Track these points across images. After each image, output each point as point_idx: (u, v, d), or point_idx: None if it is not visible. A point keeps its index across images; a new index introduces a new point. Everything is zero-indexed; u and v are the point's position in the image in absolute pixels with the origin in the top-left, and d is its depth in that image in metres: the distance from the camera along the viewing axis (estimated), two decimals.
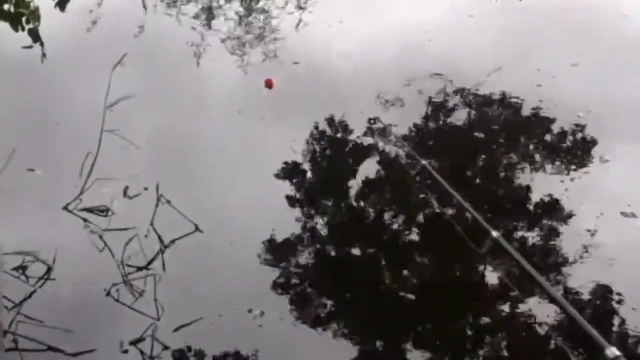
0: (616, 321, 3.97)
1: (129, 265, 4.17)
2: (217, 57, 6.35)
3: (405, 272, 4.34)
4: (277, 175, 4.95)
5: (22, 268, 4.10)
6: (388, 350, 3.87)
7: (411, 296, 4.13)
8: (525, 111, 5.68)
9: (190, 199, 4.59)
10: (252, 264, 4.29)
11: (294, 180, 4.94)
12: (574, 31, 6.73)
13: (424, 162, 4.69)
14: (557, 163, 5.16)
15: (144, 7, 7.09)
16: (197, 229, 4.41)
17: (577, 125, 5.50)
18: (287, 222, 4.59)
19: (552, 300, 3.71)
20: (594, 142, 5.32)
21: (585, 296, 4.13)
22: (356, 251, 4.43)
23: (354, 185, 4.89)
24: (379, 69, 6.11)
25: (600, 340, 3.24)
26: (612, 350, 3.15)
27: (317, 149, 5.25)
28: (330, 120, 5.47)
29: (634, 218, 4.62)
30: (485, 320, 4.03)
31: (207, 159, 5.07)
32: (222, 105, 5.67)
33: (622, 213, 4.65)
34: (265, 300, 4.05)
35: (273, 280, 4.18)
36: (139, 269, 4.16)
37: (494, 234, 3.95)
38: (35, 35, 6.32)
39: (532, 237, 4.54)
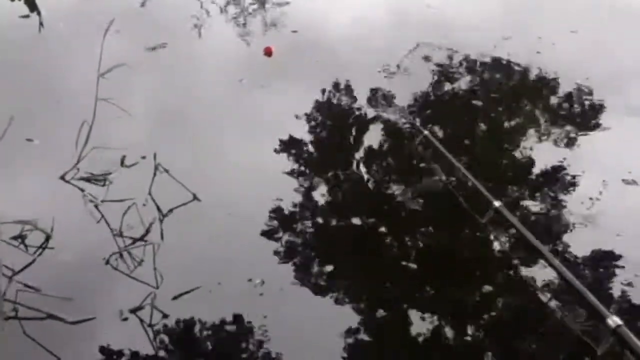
0: (619, 290, 3.97)
1: (125, 237, 4.16)
2: (217, 25, 6.34)
3: (407, 239, 4.33)
4: (278, 145, 4.93)
5: (20, 237, 4.10)
6: (389, 317, 3.87)
7: (413, 265, 4.13)
8: (526, 78, 5.68)
9: (189, 168, 4.57)
10: (252, 232, 4.28)
11: (295, 150, 4.93)
12: None
13: (425, 131, 4.68)
14: (557, 130, 5.15)
15: None
16: (195, 197, 4.40)
17: (576, 91, 5.49)
18: (288, 191, 4.58)
19: (555, 269, 3.73)
20: (592, 114, 5.31)
21: (588, 264, 4.14)
22: (357, 220, 4.42)
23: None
24: (379, 37, 6.10)
25: (602, 309, 3.24)
26: (614, 320, 3.14)
27: (320, 118, 5.23)
28: (334, 88, 5.45)
29: (635, 185, 4.61)
30: (488, 287, 4.03)
31: (207, 128, 5.06)
32: (222, 73, 5.65)
33: (623, 180, 4.64)
34: (265, 269, 4.05)
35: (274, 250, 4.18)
36: (135, 240, 4.15)
37: (496, 204, 3.97)
38: (32, 5, 6.30)
39: (535, 205, 4.54)
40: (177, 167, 4.48)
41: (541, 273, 3.97)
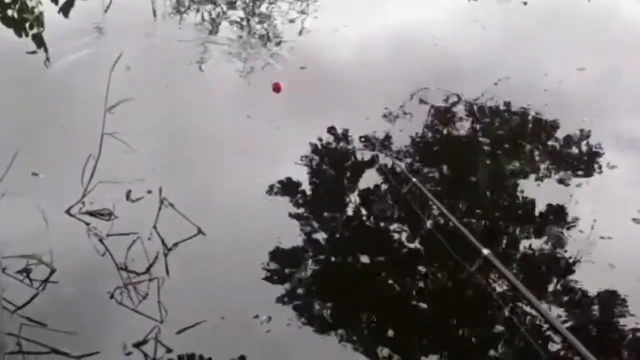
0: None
1: (129, 271, 4.15)
2: (224, 62, 6.35)
3: (405, 279, 4.31)
4: (282, 183, 4.93)
5: (25, 271, 4.09)
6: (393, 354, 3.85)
7: (413, 304, 4.11)
8: (531, 117, 5.67)
9: (194, 203, 4.57)
10: (256, 267, 4.26)
11: (298, 190, 4.93)
12: (580, 36, 6.73)
13: (414, 179, 4.67)
14: (564, 171, 5.12)
15: (154, 14, 7.10)
16: (200, 231, 4.40)
17: (582, 131, 5.47)
18: (293, 227, 4.58)
19: (544, 317, 3.73)
20: (599, 153, 5.30)
21: (595, 304, 4.12)
22: (362, 259, 4.40)
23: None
24: (385, 72, 6.12)
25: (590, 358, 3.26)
26: None
27: (319, 160, 5.23)
28: (333, 130, 5.46)
29: None
30: (488, 327, 4.01)
31: (212, 163, 5.05)
32: (229, 109, 5.67)
33: (633, 219, 4.61)
34: (270, 304, 4.03)
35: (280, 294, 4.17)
36: (139, 274, 4.14)
37: (485, 251, 3.98)
38: (39, 41, 6.34)
39: (540, 245, 4.51)
40: (182, 202, 4.48)
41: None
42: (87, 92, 5.47)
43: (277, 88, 5.84)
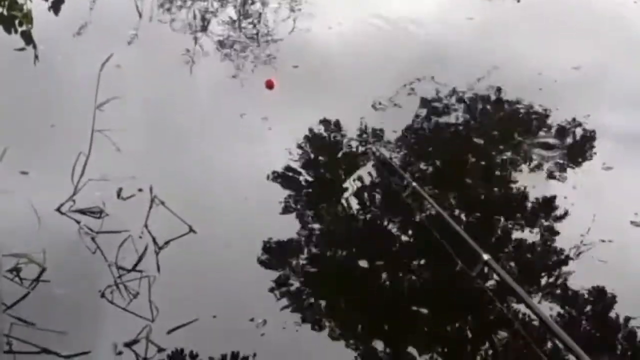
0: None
1: (121, 268, 4.12)
2: (215, 61, 6.33)
3: (402, 278, 4.29)
4: (275, 178, 4.91)
5: (15, 270, 4.05)
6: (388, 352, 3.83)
7: (409, 304, 4.10)
8: (525, 113, 5.66)
9: (185, 201, 4.54)
10: (248, 266, 4.24)
11: (291, 184, 4.90)
12: (575, 34, 6.70)
13: (414, 184, 4.65)
14: (558, 162, 5.11)
15: (139, 13, 7.06)
16: (191, 230, 4.37)
17: (574, 121, 5.46)
18: (285, 225, 4.55)
19: (544, 324, 3.71)
20: (592, 139, 5.28)
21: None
22: (354, 255, 4.38)
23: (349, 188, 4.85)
24: (378, 69, 6.10)
25: None
26: None
27: (312, 153, 5.21)
28: (326, 123, 5.44)
29: None
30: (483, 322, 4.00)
31: (205, 160, 5.03)
32: (222, 106, 5.65)
33: (632, 222, 4.60)
34: (262, 304, 4.01)
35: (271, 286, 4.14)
36: (129, 271, 4.11)
37: (485, 257, 3.97)
38: (27, 38, 6.29)
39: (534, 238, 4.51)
40: (173, 200, 4.44)
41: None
42: (76, 90, 5.43)
43: (269, 85, 5.83)
